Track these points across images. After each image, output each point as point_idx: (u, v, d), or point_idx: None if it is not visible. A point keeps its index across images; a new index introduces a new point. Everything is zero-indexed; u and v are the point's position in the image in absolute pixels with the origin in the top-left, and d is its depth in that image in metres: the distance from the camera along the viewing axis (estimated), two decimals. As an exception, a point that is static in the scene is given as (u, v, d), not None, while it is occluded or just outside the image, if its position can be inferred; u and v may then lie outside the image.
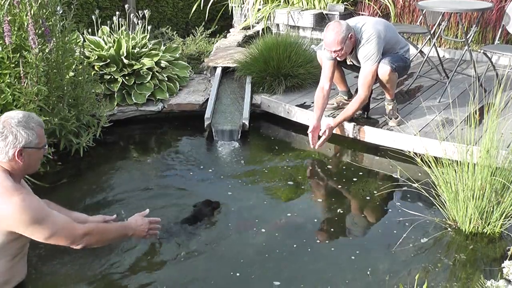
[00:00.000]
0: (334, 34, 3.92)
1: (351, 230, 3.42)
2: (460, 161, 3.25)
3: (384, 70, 4.09)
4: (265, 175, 4.03)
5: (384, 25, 4.16)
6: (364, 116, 4.53)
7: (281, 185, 3.87)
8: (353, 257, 3.07)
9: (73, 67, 4.25)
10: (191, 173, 4.05)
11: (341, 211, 3.58)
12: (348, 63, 4.38)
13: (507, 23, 4.88)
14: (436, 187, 3.33)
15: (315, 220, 3.47)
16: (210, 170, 4.09)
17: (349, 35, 3.95)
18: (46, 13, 3.92)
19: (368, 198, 3.74)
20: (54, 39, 3.93)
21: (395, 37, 4.25)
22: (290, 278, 2.88)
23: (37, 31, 3.73)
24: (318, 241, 3.23)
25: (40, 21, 3.80)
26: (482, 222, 3.18)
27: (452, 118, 4.39)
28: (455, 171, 3.22)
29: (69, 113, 4.02)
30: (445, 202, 3.31)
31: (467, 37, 5.05)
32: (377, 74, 4.13)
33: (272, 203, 3.64)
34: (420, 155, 3.39)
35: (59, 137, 4.02)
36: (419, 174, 3.67)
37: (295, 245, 3.15)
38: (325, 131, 4.22)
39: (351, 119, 4.37)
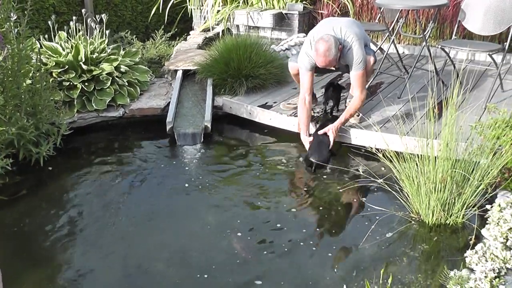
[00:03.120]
0: (328, 54, 3.95)
1: (318, 228, 3.42)
2: (421, 155, 3.31)
3: (369, 60, 4.22)
4: (229, 177, 4.02)
5: (357, 25, 4.24)
6: (330, 113, 4.55)
7: (246, 187, 3.86)
8: (327, 254, 3.10)
9: (30, 74, 4.16)
10: (154, 179, 3.99)
11: (307, 210, 3.60)
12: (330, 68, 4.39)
13: (462, 19, 4.98)
14: (399, 181, 3.37)
15: (281, 220, 3.46)
16: (173, 175, 4.06)
17: (338, 47, 4.01)
18: (-1, 19, 3.83)
19: (333, 195, 3.76)
20: (8, 46, 3.84)
21: (364, 33, 4.33)
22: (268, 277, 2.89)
23: (-11, 38, 3.64)
24: (286, 240, 3.22)
25: (-8, 28, 3.71)
26: (444, 214, 3.24)
27: (412, 113, 4.46)
28: (417, 165, 3.28)
29: (27, 122, 3.92)
30: (408, 196, 3.35)
31: (425, 33, 5.14)
32: None
33: (238, 204, 3.63)
34: (382, 150, 3.43)
35: (18, 147, 3.93)
36: (383, 169, 3.72)
37: (264, 247, 3.16)
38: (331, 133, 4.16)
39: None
